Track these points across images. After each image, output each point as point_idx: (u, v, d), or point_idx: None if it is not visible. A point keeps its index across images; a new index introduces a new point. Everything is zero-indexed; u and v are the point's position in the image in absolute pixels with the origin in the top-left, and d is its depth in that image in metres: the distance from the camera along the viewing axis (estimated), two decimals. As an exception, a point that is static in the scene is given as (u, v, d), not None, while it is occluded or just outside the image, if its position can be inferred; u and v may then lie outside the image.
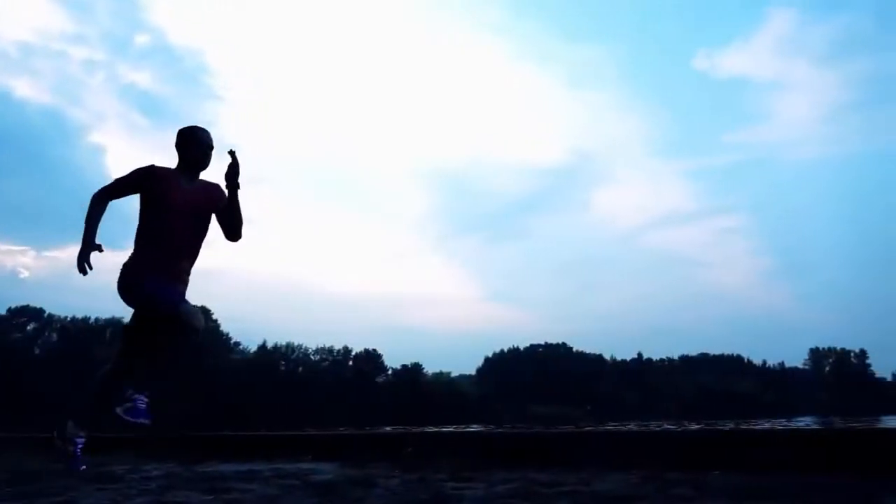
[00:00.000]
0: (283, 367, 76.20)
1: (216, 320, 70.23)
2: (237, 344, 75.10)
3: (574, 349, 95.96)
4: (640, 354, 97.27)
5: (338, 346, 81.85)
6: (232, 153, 3.12)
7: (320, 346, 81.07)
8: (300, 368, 78.07)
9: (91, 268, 2.91)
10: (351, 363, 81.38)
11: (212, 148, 3.19)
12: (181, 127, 3.22)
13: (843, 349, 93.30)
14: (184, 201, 3.10)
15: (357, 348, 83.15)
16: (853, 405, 73.92)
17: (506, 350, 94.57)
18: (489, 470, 2.63)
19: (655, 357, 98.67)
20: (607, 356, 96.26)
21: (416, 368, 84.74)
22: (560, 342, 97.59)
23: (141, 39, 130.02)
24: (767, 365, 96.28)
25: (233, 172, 3.15)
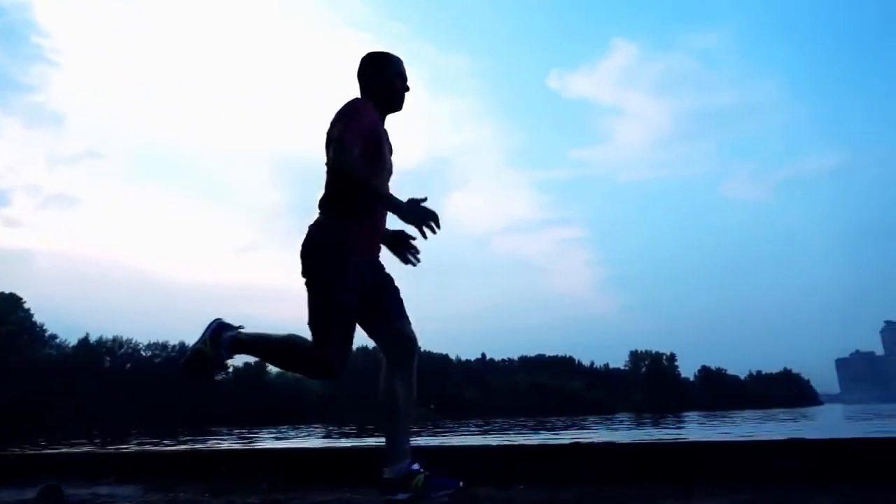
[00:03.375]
0: (108, 364, 69.36)
1: (28, 310, 62.39)
2: (53, 337, 67.10)
3: (421, 349, 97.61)
4: (483, 355, 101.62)
5: (173, 341, 76.63)
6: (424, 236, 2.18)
7: (153, 340, 75.40)
8: (128, 365, 71.55)
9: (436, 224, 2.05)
10: (188, 360, 76.31)
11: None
12: (370, 51, 2.47)
13: (657, 352, 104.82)
14: (388, 152, 2.39)
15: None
16: (663, 403, 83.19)
17: (355, 349, 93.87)
18: (306, 490, 2.58)
19: (497, 357, 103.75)
20: (453, 356, 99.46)
21: (260, 366, 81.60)
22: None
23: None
24: (594, 366, 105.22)
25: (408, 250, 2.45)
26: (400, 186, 2.30)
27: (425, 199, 2.05)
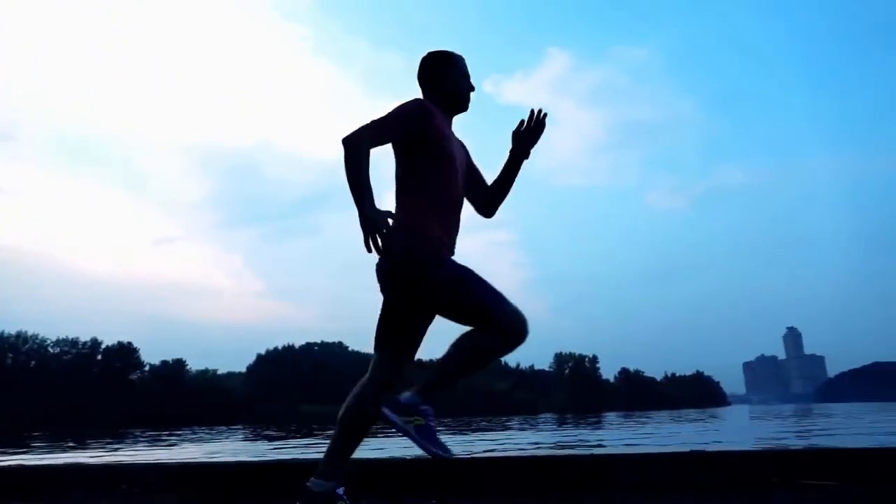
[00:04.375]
0: (9, 361, 64.75)
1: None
2: (-55, 332, 62.18)
3: (350, 348, 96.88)
4: (419, 360, 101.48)
5: (84, 337, 72.65)
6: (541, 113, 2.35)
7: (62, 336, 71.14)
8: (33, 363, 67.07)
9: (382, 242, 1.96)
10: (100, 357, 72.39)
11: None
12: (431, 51, 2.36)
13: (580, 354, 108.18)
14: (457, 152, 2.29)
15: (109, 341, 74.67)
16: (585, 403, 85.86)
17: (280, 347, 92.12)
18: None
19: (426, 358, 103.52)
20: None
21: (179, 365, 78.35)
22: (337, 341, 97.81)
23: None
24: (520, 367, 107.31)
25: (536, 136, 2.37)
26: (335, 179, 2.26)
27: (391, 214, 2.03)
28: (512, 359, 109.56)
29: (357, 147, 2.02)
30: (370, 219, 1.94)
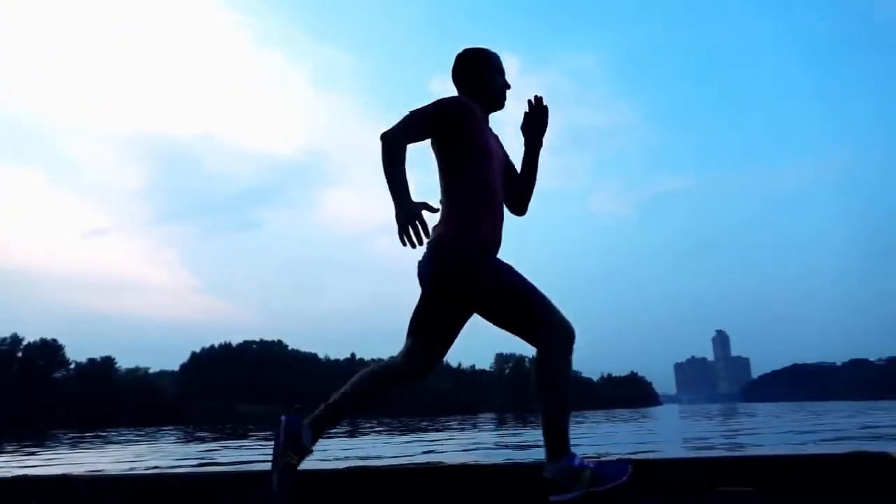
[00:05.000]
0: (-83, 358, 60.45)
1: None
2: None
3: (290, 347, 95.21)
4: (353, 354, 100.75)
5: (3, 333, 68.66)
6: (539, 99, 2.32)
7: (-23, 332, 66.85)
8: (-56, 360, 62.77)
9: (425, 235, 1.93)
10: (20, 354, 68.46)
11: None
12: (466, 48, 2.32)
13: (520, 354, 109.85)
14: (495, 148, 2.25)
15: (30, 337, 70.79)
16: (524, 403, 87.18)
17: (216, 346, 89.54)
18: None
19: (367, 357, 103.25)
20: (321, 355, 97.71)
21: (108, 362, 75.01)
22: (276, 339, 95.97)
23: None
24: (462, 367, 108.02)
25: (542, 123, 2.33)
26: (279, 175, 2.22)
27: (435, 211, 2.03)
28: (453, 358, 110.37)
29: (393, 143, 2.02)
30: (407, 212, 1.93)
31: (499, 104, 2.31)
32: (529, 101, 2.34)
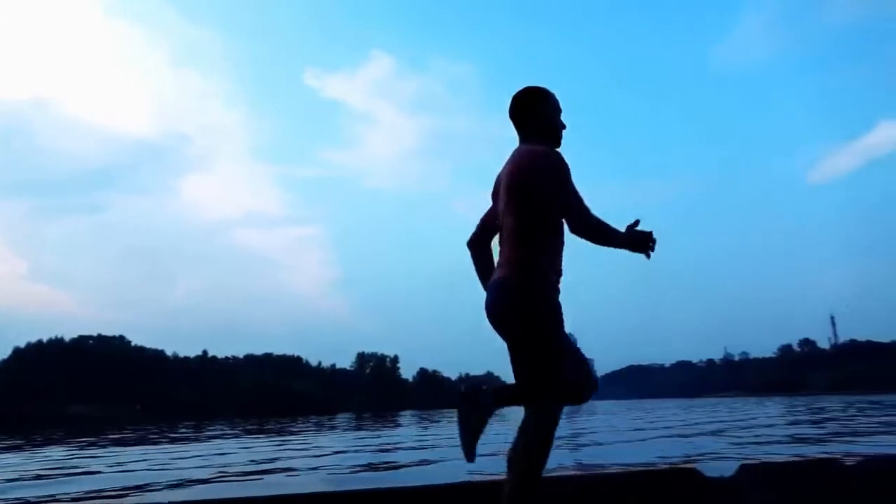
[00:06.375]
0: None
1: None
2: None
3: (133, 343, 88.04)
4: (205, 352, 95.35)
5: None
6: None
7: None
8: None
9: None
10: None
11: None
12: (526, 87, 2.32)
13: (382, 354, 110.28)
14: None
15: None
16: (383, 403, 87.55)
17: (45, 341, 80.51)
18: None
19: (221, 355, 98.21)
20: (170, 352, 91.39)
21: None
22: (117, 335, 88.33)
23: None
24: (322, 366, 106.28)
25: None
26: (130, 156, 2.10)
27: (636, 223, 2.26)
28: (314, 357, 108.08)
29: (587, 226, 2.25)
30: (634, 239, 2.26)
31: (557, 143, 2.33)
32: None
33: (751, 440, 7.73)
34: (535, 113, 2.30)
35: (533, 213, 2.14)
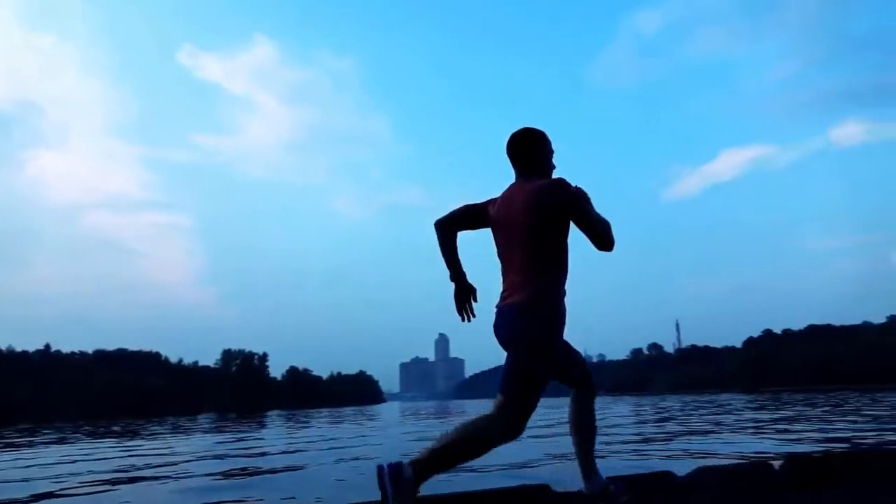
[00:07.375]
0: None
1: None
2: None
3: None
4: (47, 346, 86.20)
5: None
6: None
7: None
8: None
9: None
10: None
11: None
12: (526, 128, 2.46)
13: (250, 351, 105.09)
14: None
15: None
16: (249, 401, 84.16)
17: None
18: None
19: (66, 350, 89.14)
20: (3, 345, 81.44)
21: None
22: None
23: None
24: (183, 363, 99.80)
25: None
26: None
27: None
28: (174, 353, 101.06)
29: (612, 239, 2.31)
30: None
31: None
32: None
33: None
34: (535, 155, 2.43)
35: (551, 244, 2.28)
